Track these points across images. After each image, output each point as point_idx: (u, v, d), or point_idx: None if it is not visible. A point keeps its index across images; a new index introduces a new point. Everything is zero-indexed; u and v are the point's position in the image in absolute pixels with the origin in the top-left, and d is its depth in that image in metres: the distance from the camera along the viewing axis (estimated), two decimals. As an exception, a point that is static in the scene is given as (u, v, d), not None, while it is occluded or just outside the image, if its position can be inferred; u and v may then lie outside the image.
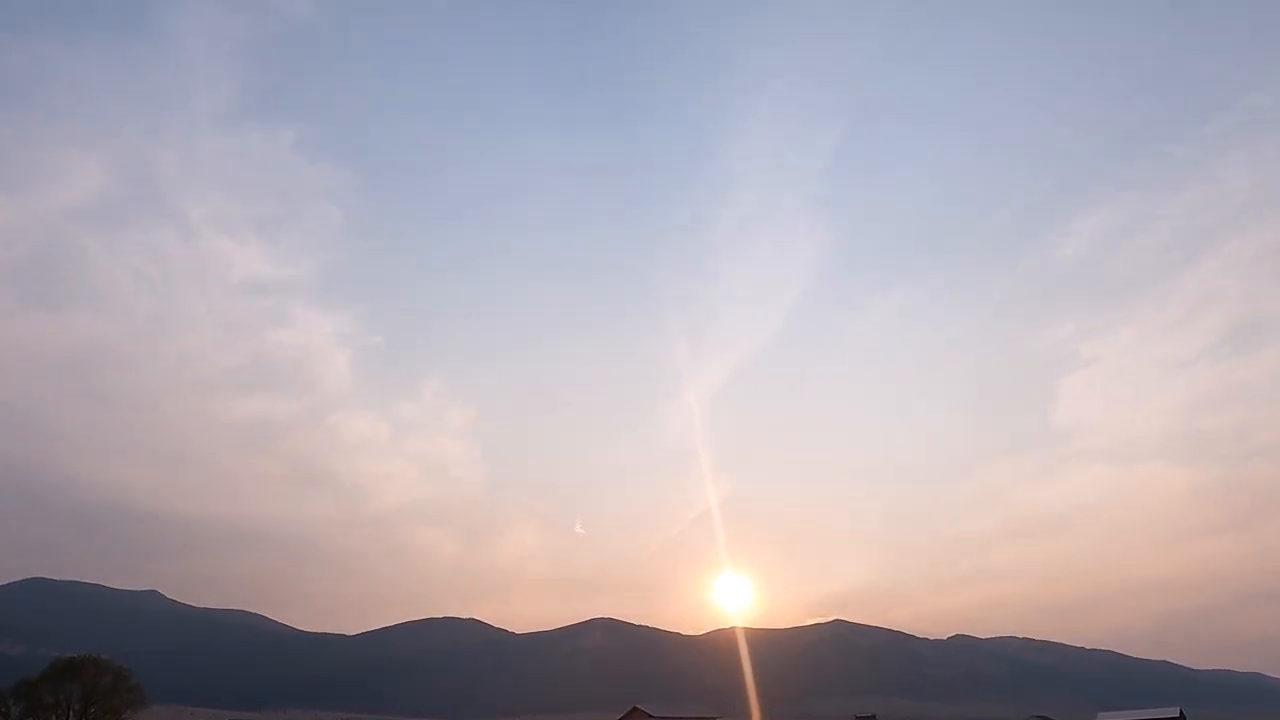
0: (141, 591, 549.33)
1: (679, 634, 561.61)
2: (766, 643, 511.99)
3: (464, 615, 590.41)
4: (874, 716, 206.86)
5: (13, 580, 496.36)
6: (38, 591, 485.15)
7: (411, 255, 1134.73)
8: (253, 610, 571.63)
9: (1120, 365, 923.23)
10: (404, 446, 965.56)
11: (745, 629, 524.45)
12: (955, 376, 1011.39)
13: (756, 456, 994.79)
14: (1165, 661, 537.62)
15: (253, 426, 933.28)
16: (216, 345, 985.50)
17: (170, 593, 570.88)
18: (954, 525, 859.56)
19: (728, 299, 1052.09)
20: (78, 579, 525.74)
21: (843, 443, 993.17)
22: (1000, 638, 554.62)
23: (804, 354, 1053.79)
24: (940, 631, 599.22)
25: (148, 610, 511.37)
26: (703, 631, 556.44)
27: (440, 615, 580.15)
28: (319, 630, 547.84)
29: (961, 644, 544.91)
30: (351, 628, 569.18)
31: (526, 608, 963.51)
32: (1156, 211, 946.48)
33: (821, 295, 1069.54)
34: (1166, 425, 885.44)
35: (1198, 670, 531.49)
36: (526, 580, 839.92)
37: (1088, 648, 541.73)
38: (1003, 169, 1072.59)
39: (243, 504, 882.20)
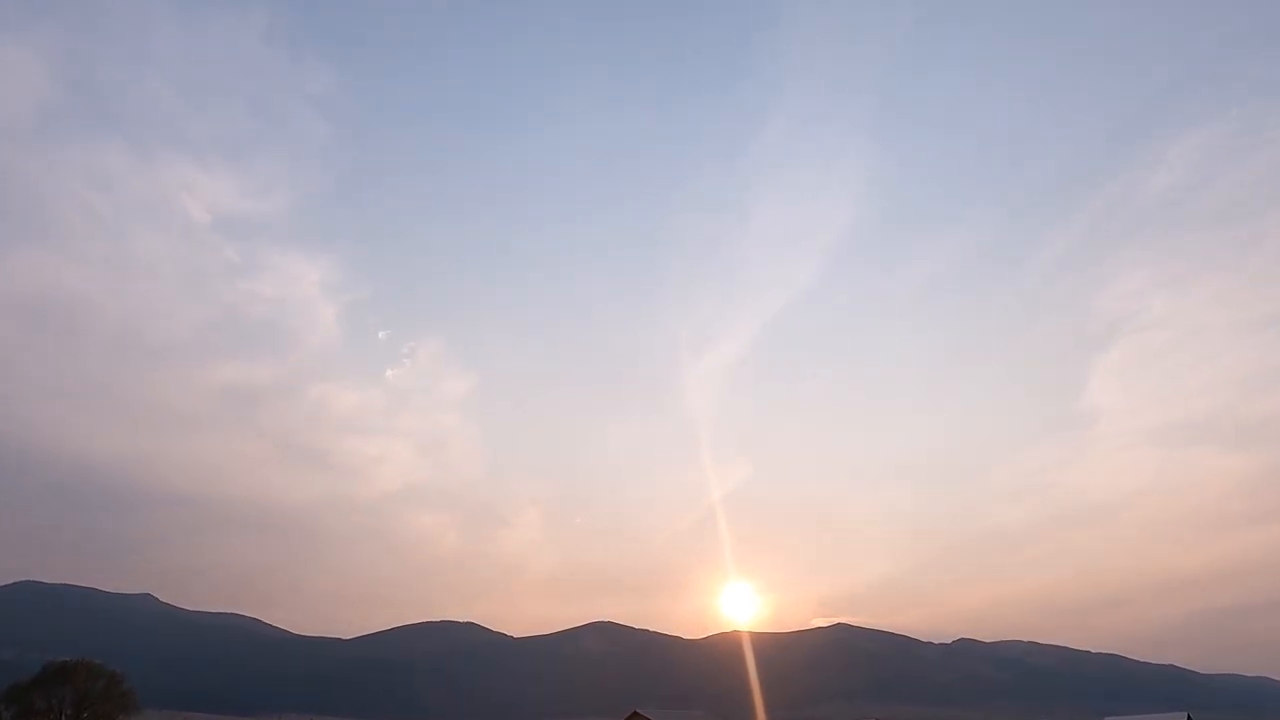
0: (135, 594, 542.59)
1: (680, 637, 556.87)
2: (768, 646, 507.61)
3: (462, 618, 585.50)
4: None
5: (4, 583, 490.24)
6: (29, 594, 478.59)
7: (410, 183, 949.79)
8: (248, 614, 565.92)
9: (1195, 325, 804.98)
10: (397, 422, 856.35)
11: (746, 632, 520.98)
12: (1004, 343, 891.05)
13: (775, 438, 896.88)
14: (1171, 665, 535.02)
15: (226, 396, 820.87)
16: (180, 298, 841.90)
17: (164, 596, 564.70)
18: (978, 519, 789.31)
19: (760, 241, 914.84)
20: (70, 582, 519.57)
21: (872, 423, 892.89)
22: (1005, 641, 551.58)
23: (839, 311, 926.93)
24: (944, 635, 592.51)
25: (141, 614, 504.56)
26: (704, 635, 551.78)
27: (438, 619, 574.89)
28: (314, 633, 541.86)
29: (966, 648, 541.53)
30: (348, 631, 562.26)
31: (526, 609, 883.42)
32: (1272, 126, 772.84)
33: (867, 236, 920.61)
34: (1224, 402, 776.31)
35: (1205, 674, 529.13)
36: (528, 578, 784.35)
37: (1093, 651, 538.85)
38: (1095, 76, 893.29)
39: (224, 487, 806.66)
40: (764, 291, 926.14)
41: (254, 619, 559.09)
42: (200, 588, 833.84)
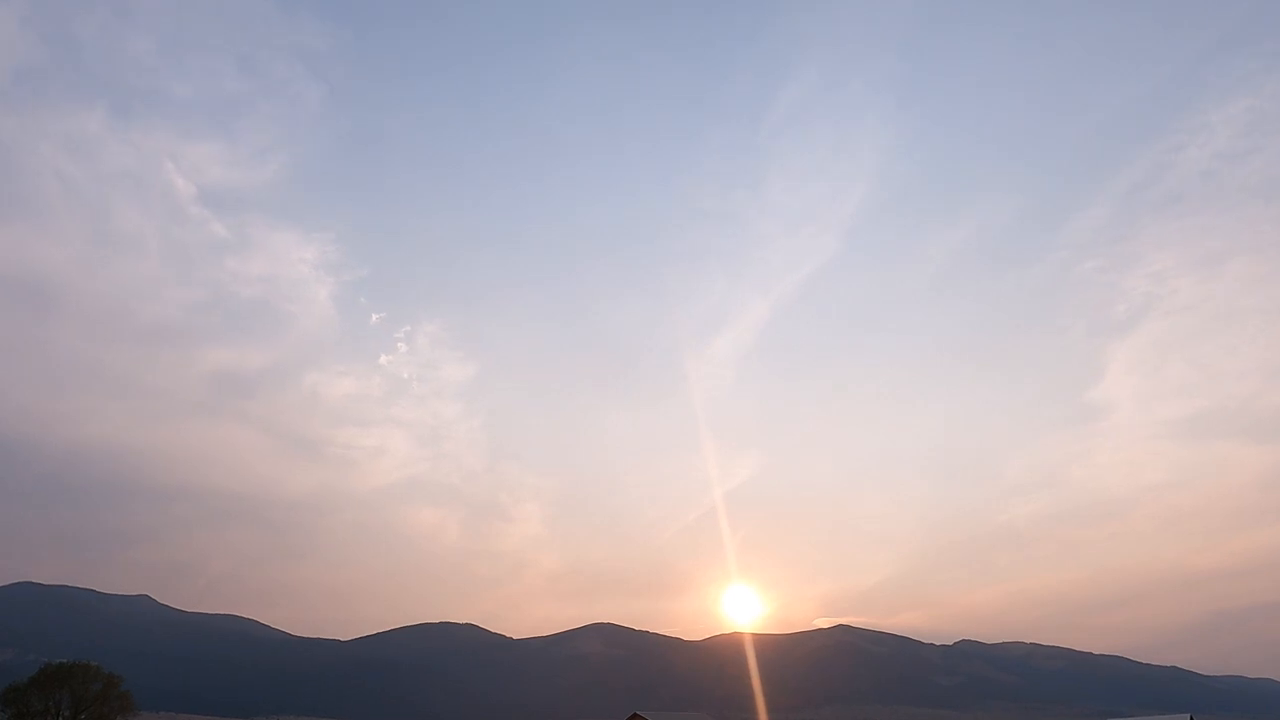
0: (133, 596, 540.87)
1: (680, 639, 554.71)
2: (768, 648, 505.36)
3: (461, 619, 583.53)
4: None
5: (2, 584, 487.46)
6: (27, 596, 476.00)
7: (411, 152, 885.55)
8: (246, 615, 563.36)
9: (1224, 309, 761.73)
10: (395, 411, 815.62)
11: (747, 634, 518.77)
12: (1024, 328, 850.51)
13: (782, 430, 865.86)
14: (1175, 667, 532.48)
15: (217, 383, 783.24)
16: (165, 277, 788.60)
17: (162, 597, 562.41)
18: (988, 515, 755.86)
19: (774, 216, 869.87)
20: (68, 583, 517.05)
21: (883, 415, 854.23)
22: (1007, 643, 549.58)
23: (853, 294, 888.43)
24: (946, 636, 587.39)
25: (139, 615, 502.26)
26: (704, 637, 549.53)
27: (437, 620, 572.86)
28: (312, 635, 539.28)
29: (968, 650, 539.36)
30: (346, 632, 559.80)
31: (526, 609, 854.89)
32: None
33: (886, 211, 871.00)
34: (1250, 391, 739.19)
35: (1208, 676, 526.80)
36: (528, 578, 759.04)
37: (1096, 653, 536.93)
38: (1134, 37, 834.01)
39: (216, 480, 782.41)
40: (776, 272, 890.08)
41: (252, 620, 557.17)
42: (198, 589, 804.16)
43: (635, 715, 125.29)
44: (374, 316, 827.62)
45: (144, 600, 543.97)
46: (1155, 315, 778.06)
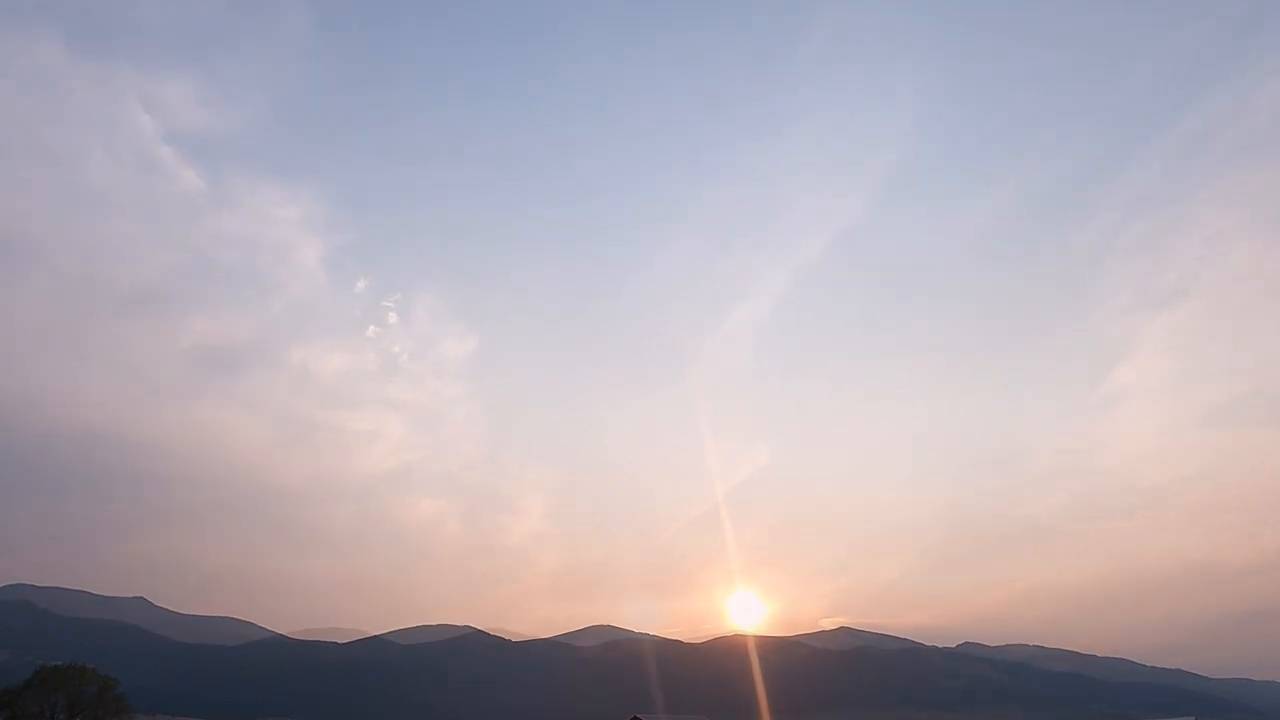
0: (129, 598, 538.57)
1: (681, 641, 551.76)
2: (772, 651, 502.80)
3: (460, 621, 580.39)
4: None
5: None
6: (22, 597, 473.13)
7: (411, 92, 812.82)
8: (243, 617, 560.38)
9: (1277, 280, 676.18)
10: (388, 391, 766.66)
11: (750, 637, 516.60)
12: (1064, 300, 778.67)
13: (795, 418, 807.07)
14: (1179, 669, 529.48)
15: (198, 358, 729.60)
16: (138, 237, 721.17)
17: (157, 599, 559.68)
18: (1007, 508, 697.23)
19: (797, 173, 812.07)
20: (62, 585, 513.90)
21: (904, 402, 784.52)
22: (1010, 645, 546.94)
23: (882, 263, 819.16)
24: (949, 639, 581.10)
25: (135, 617, 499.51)
26: (706, 639, 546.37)
27: (436, 622, 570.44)
28: (311, 637, 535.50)
29: (971, 652, 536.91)
30: (345, 634, 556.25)
31: (526, 610, 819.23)
32: None
33: (922, 167, 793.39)
34: None
35: (1213, 679, 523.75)
36: (529, 577, 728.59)
37: (1100, 655, 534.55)
38: None
39: (203, 470, 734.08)
40: (798, 238, 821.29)
41: (250, 622, 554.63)
42: (192, 588, 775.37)
43: (635, 718, 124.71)
44: (360, 283, 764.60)
45: (139, 602, 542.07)
46: (1204, 285, 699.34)
